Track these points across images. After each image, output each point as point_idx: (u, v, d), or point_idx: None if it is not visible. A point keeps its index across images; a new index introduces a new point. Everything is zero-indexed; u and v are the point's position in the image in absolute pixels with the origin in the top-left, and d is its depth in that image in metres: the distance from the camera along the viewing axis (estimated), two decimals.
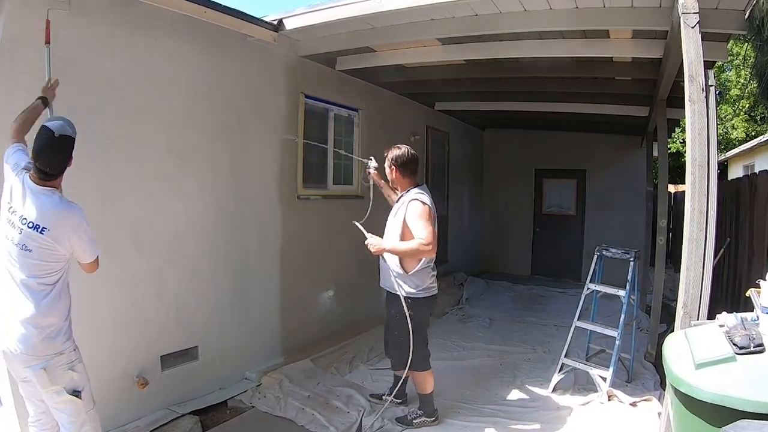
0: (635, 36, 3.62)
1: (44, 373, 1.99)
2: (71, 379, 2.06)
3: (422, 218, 2.88)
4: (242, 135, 3.82)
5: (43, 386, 2.01)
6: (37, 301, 1.99)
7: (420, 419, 3.22)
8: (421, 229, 2.85)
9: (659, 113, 4.71)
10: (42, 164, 1.99)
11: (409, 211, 2.93)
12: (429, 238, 2.82)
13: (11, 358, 2.02)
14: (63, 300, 2.08)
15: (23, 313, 1.97)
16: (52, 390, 2.02)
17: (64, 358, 2.05)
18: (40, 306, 1.99)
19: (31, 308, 1.97)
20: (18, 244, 1.97)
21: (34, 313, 1.97)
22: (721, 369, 1.68)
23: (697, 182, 2.35)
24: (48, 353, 2.01)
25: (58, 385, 2.03)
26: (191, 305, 3.44)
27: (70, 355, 2.07)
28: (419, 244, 2.82)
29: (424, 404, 3.25)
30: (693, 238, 2.35)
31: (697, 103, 2.37)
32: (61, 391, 2.03)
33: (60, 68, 2.62)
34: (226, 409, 3.40)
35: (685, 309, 2.35)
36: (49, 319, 2.01)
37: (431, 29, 3.68)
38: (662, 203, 4.86)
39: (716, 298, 3.92)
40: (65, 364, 2.05)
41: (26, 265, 1.98)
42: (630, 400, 3.39)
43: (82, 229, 2.07)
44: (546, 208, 9.04)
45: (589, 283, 3.89)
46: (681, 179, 11.23)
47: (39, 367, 1.98)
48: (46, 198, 2.01)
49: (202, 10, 3.26)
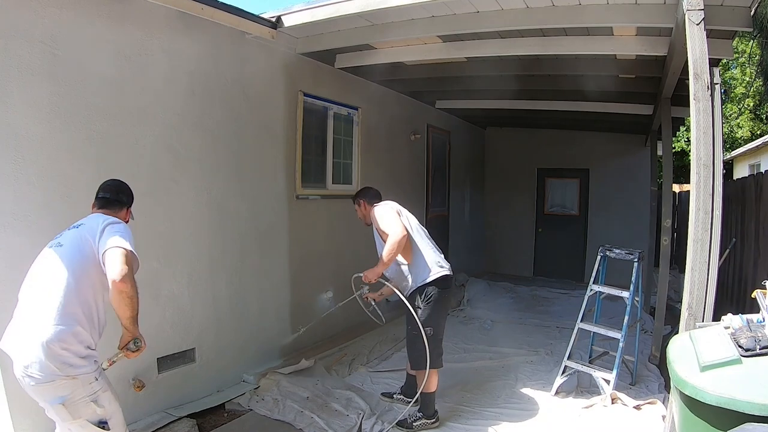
0: (639, 33, 3.62)
1: (63, 408, 1.87)
2: (94, 411, 1.93)
3: (381, 216, 3.21)
4: (239, 133, 3.82)
5: (64, 421, 1.91)
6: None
7: (420, 422, 3.22)
8: (385, 224, 3.15)
9: (664, 111, 4.71)
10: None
11: (374, 221, 3.28)
12: (392, 225, 3.10)
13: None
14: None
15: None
16: (75, 423, 1.91)
17: (83, 390, 1.91)
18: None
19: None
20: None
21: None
22: (726, 371, 1.68)
23: (702, 182, 2.35)
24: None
25: (81, 418, 1.91)
26: (187, 307, 3.43)
27: (89, 387, 1.92)
28: (390, 237, 3.08)
29: (424, 405, 3.26)
30: (698, 239, 2.35)
31: (702, 101, 2.37)
32: (85, 424, 1.92)
33: (54, 65, 2.63)
34: (223, 412, 3.40)
35: (689, 310, 2.35)
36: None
37: (432, 26, 3.67)
38: (666, 203, 4.86)
39: (721, 300, 3.92)
40: (86, 397, 1.91)
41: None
42: (634, 403, 3.38)
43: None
44: (549, 208, 9.04)
45: (592, 284, 3.89)
46: (686, 179, 11.25)
47: (57, 402, 1.85)
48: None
49: (198, 7, 3.25)
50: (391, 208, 3.25)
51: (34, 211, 2.57)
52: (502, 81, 5.25)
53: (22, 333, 1.89)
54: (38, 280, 1.96)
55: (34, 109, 2.56)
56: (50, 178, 2.64)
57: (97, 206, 2.21)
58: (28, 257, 2.51)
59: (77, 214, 2.70)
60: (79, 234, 2.00)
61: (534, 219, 9.06)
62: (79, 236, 1.99)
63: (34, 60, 2.54)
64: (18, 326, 1.92)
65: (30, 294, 1.95)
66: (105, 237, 1.94)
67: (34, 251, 2.54)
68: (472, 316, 6.08)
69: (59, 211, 2.65)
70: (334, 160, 5.04)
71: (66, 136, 2.71)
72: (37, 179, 2.59)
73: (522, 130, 8.97)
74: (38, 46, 2.56)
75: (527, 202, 9.08)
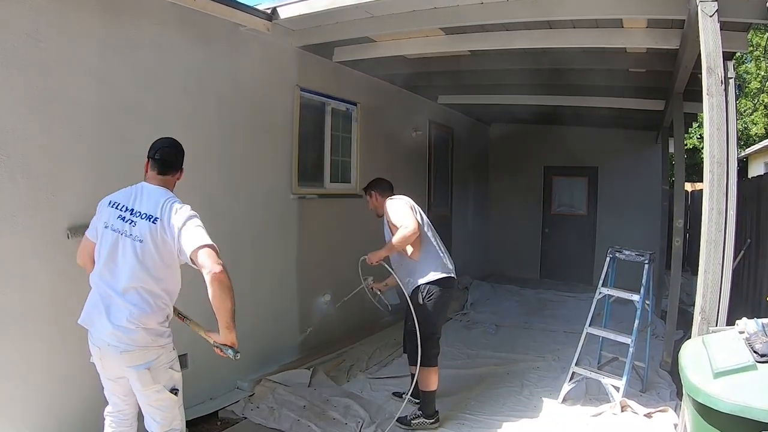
0: (650, 25, 3.62)
1: (147, 372, 2.10)
2: (171, 377, 2.20)
3: (396, 208, 3.30)
4: (233, 130, 3.82)
5: (145, 386, 2.12)
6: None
7: (418, 420, 3.32)
8: (398, 218, 3.25)
9: (675, 107, 4.71)
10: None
11: (386, 214, 3.38)
12: (406, 219, 3.20)
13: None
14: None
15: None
16: (153, 389, 2.14)
17: (165, 357, 2.18)
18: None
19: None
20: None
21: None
22: (741, 378, 1.68)
23: (715, 180, 2.35)
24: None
25: (160, 383, 2.14)
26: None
27: (171, 354, 2.21)
28: (402, 229, 3.19)
29: (424, 403, 3.36)
30: (711, 240, 2.35)
31: (716, 96, 2.37)
32: (162, 389, 2.15)
33: (40, 59, 2.63)
34: (216, 420, 3.40)
35: (702, 314, 2.35)
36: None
37: (434, 18, 3.67)
38: (678, 202, 4.86)
39: (736, 303, 3.91)
40: (167, 363, 2.18)
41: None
42: (644, 411, 3.38)
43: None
44: (556, 208, 9.05)
45: (601, 287, 3.89)
46: (698, 177, 11.25)
47: (143, 368, 2.09)
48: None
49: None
50: (405, 203, 3.35)
51: (20, 210, 2.57)
52: (506, 75, 5.24)
53: (114, 314, 2.08)
54: (127, 268, 2.10)
55: (19, 105, 2.55)
56: (36, 176, 2.64)
57: (157, 170, 2.26)
58: (13, 259, 2.54)
59: (65, 214, 2.73)
60: (158, 230, 2.11)
61: (540, 219, 9.07)
62: (159, 233, 2.11)
63: (18, 53, 2.53)
64: (105, 305, 2.11)
65: (117, 278, 2.11)
66: (185, 236, 2.08)
67: (20, 252, 2.56)
68: (476, 320, 6.08)
69: (46, 211, 2.66)
70: (333, 157, 5.04)
71: (53, 133, 2.70)
72: (23, 177, 2.58)
73: (528, 127, 8.96)
74: (23, 38, 2.55)
75: (533, 202, 9.08)
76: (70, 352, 2.64)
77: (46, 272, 2.66)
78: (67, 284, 2.64)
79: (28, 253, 2.60)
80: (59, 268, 2.66)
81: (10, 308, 2.53)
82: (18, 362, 2.57)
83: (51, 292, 2.66)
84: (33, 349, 2.63)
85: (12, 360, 2.54)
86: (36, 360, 2.64)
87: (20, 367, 2.58)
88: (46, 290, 2.66)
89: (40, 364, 2.65)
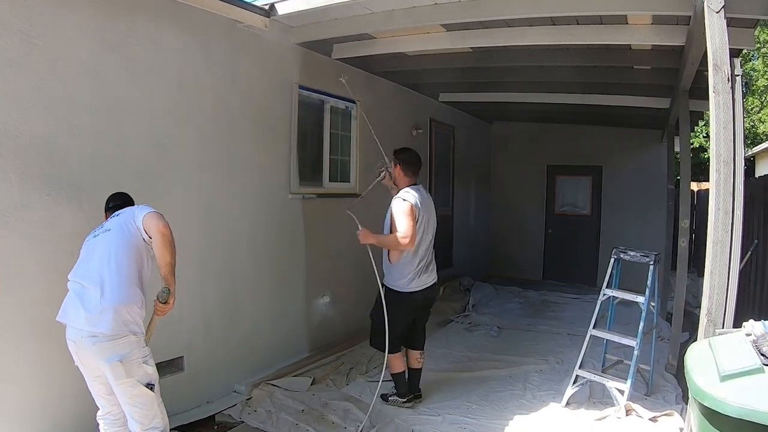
0: (655, 22, 3.61)
1: (120, 365, 2.23)
2: (145, 372, 2.34)
3: (402, 214, 3.41)
4: (230, 128, 3.82)
5: (118, 378, 2.25)
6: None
7: (393, 397, 3.74)
8: (400, 224, 3.39)
9: (681, 105, 4.71)
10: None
11: (393, 207, 3.50)
12: (406, 231, 3.36)
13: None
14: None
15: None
16: (127, 383, 2.27)
17: (138, 352, 2.33)
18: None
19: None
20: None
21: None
22: (748, 381, 1.68)
23: (722, 180, 2.35)
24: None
25: (133, 377, 2.28)
26: (175, 312, 3.40)
27: (143, 350, 2.37)
28: (397, 236, 3.38)
29: (395, 384, 3.74)
30: (718, 240, 2.35)
31: (722, 94, 2.37)
32: (135, 384, 2.29)
33: (33, 55, 2.63)
34: (213, 424, 3.40)
35: (709, 316, 2.35)
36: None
37: (435, 14, 3.67)
38: (684, 202, 4.86)
39: (742, 305, 3.91)
40: (140, 358, 2.33)
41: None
42: (650, 415, 3.39)
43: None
44: (559, 208, 9.05)
45: (605, 288, 3.88)
46: (704, 176, 11.23)
47: (116, 359, 2.23)
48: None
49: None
50: (412, 210, 3.41)
51: (13, 210, 2.57)
52: (509, 73, 5.25)
53: (87, 301, 2.27)
54: (96, 258, 2.35)
55: (13, 102, 2.56)
56: (29, 175, 2.64)
57: (111, 214, 2.57)
58: (6, 260, 2.54)
59: (58, 214, 2.74)
60: (122, 219, 2.44)
61: (543, 219, 9.07)
62: (122, 221, 2.43)
63: (12, 50, 2.54)
64: (80, 297, 2.29)
65: (90, 270, 2.34)
66: (139, 212, 2.42)
67: (13, 253, 2.56)
68: (478, 322, 6.08)
69: (39, 210, 2.66)
70: (332, 156, 5.04)
71: (46, 130, 2.70)
72: (15, 176, 2.58)
73: (530, 125, 8.96)
74: (17, 35, 2.55)
75: (536, 201, 9.08)
76: (65, 353, 2.62)
77: (40, 273, 2.67)
78: (61, 285, 2.63)
79: (21, 254, 2.60)
80: (53, 268, 2.66)
81: (3, 309, 2.53)
82: (12, 364, 2.57)
83: (45, 293, 2.66)
84: (27, 350, 2.63)
85: (6, 362, 2.55)
86: (30, 362, 2.64)
87: (14, 369, 2.58)
88: (41, 291, 2.66)
89: (34, 365, 2.66)
